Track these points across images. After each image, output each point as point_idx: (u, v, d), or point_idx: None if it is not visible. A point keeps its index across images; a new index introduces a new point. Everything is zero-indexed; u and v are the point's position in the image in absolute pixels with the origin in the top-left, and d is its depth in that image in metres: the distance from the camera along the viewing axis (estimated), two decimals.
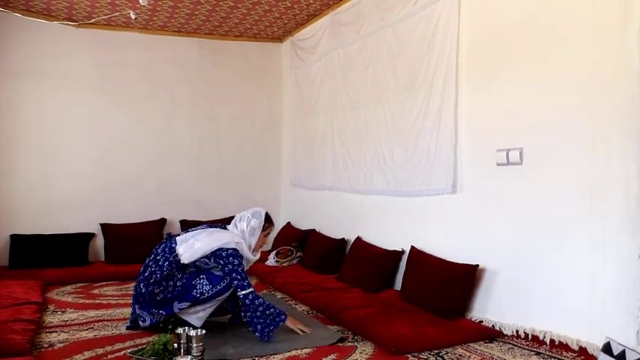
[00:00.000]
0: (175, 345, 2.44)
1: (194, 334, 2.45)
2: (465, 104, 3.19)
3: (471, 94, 3.14)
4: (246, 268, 2.90)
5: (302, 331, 2.79)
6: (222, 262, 2.77)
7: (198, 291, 2.78)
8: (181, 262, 2.77)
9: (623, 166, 2.30)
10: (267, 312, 2.70)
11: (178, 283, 2.80)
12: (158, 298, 2.80)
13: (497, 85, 2.96)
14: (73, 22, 4.87)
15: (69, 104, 5.00)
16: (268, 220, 3.08)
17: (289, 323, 2.77)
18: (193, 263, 2.82)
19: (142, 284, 2.82)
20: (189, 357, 2.39)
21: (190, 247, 2.80)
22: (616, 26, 2.33)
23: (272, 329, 2.69)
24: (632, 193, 2.26)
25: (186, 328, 2.51)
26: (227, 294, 2.86)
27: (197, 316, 2.85)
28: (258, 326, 2.67)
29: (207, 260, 2.82)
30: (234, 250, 2.80)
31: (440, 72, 3.32)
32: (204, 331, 2.53)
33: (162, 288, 2.79)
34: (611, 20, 2.36)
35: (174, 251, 2.82)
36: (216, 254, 2.78)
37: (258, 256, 3.08)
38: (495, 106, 2.97)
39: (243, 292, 2.71)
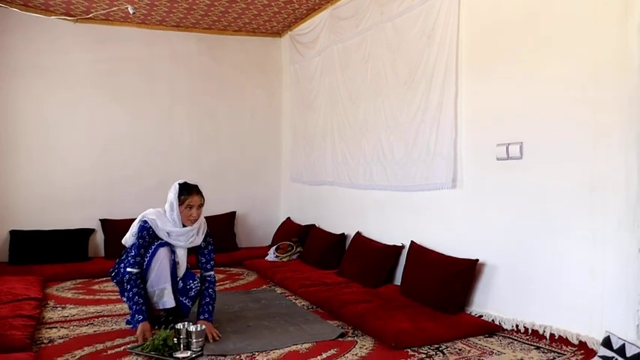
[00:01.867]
0: (175, 340, 2.44)
1: (194, 330, 2.46)
2: (464, 98, 3.18)
3: (471, 87, 3.13)
4: (183, 243, 2.81)
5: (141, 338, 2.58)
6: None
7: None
8: (124, 243, 2.92)
9: (623, 160, 2.29)
10: (129, 303, 2.69)
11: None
12: (116, 280, 2.91)
13: (497, 78, 2.95)
14: (71, 16, 4.85)
15: (68, 100, 4.99)
16: (184, 192, 2.81)
17: (138, 330, 2.59)
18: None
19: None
20: (189, 352, 2.40)
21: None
22: (616, 20, 2.32)
23: (132, 323, 2.68)
24: (632, 187, 2.26)
25: (186, 323, 2.51)
26: (161, 258, 2.74)
27: (162, 297, 2.75)
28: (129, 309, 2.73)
29: None
30: (143, 222, 2.82)
31: (440, 66, 3.31)
32: (204, 327, 2.53)
33: (116, 271, 2.90)
34: (611, 14, 2.35)
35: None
36: None
37: (188, 228, 2.82)
38: (495, 100, 2.96)
39: (126, 269, 2.74)
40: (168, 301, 2.74)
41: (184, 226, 2.83)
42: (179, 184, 2.85)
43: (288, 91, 5.63)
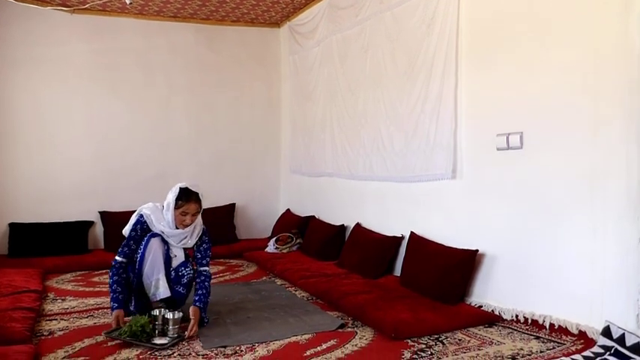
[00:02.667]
0: (152, 326, 2.48)
1: (170, 317, 2.49)
2: (464, 88, 3.15)
3: (471, 77, 3.11)
4: (175, 244, 2.83)
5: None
6: None
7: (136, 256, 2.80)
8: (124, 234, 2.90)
9: (624, 150, 2.28)
10: (110, 290, 2.69)
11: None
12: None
13: (497, 68, 2.93)
14: (67, 7, 4.80)
15: (65, 92, 4.96)
16: (182, 198, 2.77)
17: (112, 316, 2.63)
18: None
19: None
20: (167, 339, 2.43)
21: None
22: (617, 9, 2.30)
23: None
24: (633, 177, 2.25)
25: (163, 310, 2.55)
26: (154, 249, 2.75)
27: (158, 288, 2.75)
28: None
29: None
30: (139, 216, 2.84)
31: (439, 55, 3.28)
32: (181, 314, 2.56)
33: None
34: (613, 4, 2.32)
35: None
36: None
37: (179, 231, 2.81)
38: (495, 90, 2.94)
39: (115, 257, 2.75)
40: (163, 291, 2.74)
41: (177, 227, 2.83)
42: (180, 187, 2.81)
43: (287, 81, 5.60)
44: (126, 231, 2.91)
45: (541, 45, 2.66)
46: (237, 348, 2.40)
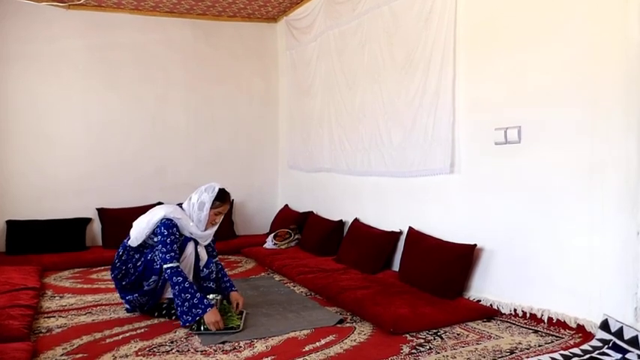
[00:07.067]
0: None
1: (220, 298, 2.79)
2: (462, 82, 3.14)
3: (469, 71, 3.10)
4: (203, 243, 2.91)
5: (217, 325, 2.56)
6: (156, 233, 2.75)
7: (158, 262, 2.73)
8: (130, 245, 2.83)
9: (622, 143, 2.28)
10: (184, 295, 2.58)
11: (138, 264, 2.82)
12: (124, 283, 2.85)
13: (495, 62, 2.92)
14: (62, 2, 4.77)
15: (62, 88, 4.94)
16: (221, 199, 2.86)
17: (206, 317, 2.55)
18: (146, 243, 2.84)
19: (111, 274, 2.93)
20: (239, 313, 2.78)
21: (135, 229, 2.84)
22: (617, 2, 2.28)
23: (188, 319, 2.57)
24: (631, 170, 2.24)
25: (217, 296, 2.75)
26: (190, 252, 2.81)
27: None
28: (178, 308, 2.60)
29: (153, 237, 2.81)
30: (168, 220, 2.74)
31: (437, 50, 3.27)
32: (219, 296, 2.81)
33: (123, 272, 2.84)
34: None
35: (128, 236, 2.87)
36: (155, 228, 2.77)
37: (209, 232, 2.91)
38: (494, 84, 2.93)
39: (165, 266, 2.66)
40: None
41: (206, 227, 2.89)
42: (219, 189, 2.90)
43: (284, 77, 5.58)
44: (137, 239, 2.80)
45: (539, 38, 2.65)
46: (236, 344, 2.40)
